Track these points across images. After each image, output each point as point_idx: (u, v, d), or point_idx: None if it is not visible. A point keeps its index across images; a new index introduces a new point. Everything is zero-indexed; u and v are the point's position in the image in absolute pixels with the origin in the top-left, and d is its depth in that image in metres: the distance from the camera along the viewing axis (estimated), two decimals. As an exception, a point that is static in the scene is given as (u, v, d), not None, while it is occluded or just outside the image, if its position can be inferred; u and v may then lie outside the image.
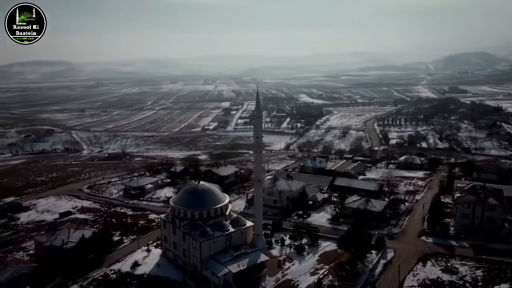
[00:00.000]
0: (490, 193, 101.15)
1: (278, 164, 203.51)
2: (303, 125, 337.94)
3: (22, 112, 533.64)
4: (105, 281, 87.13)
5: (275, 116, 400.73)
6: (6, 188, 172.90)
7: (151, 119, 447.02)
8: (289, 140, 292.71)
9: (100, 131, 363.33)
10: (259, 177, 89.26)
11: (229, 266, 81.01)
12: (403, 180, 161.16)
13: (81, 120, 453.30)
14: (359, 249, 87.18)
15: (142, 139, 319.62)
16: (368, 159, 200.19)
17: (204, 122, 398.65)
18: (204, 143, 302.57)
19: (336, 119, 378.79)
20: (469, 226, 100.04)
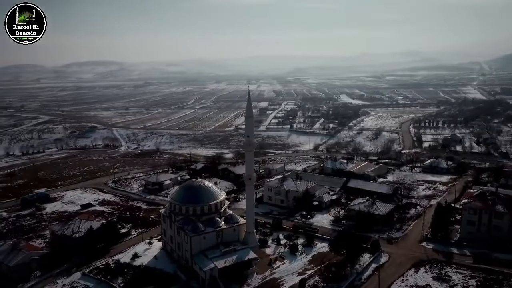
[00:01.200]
0: (500, 200, 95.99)
1: (301, 164, 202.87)
2: (336, 126, 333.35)
3: (72, 110, 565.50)
4: (105, 270, 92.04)
5: (309, 116, 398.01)
6: (41, 180, 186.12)
7: (189, 117, 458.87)
8: (319, 140, 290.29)
9: (139, 129, 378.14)
10: (250, 176, 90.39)
11: (216, 261, 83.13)
12: (424, 184, 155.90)
13: (123, 117, 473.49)
14: (351, 252, 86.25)
15: (177, 137, 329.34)
16: (393, 162, 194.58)
17: (239, 122, 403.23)
18: (235, 142, 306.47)
19: (372, 120, 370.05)
20: (476, 234, 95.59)
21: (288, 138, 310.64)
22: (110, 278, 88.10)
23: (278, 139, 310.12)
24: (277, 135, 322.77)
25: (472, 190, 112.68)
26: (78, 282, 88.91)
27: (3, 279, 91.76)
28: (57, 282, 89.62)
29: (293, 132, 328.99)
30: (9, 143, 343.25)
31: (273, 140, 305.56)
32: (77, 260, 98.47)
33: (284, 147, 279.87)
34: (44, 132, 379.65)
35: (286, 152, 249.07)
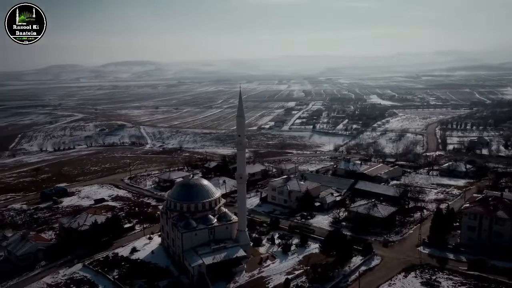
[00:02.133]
0: (503, 206, 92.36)
1: (316, 165, 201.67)
2: (360, 127, 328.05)
3: (105, 108, 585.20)
4: (104, 262, 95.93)
5: (333, 117, 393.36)
6: (64, 175, 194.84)
7: (215, 117, 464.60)
8: (341, 141, 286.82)
9: (165, 127, 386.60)
10: (241, 175, 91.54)
11: (204, 258, 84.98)
12: (438, 187, 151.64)
13: (153, 116, 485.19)
14: (340, 253, 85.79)
15: (200, 136, 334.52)
16: (410, 164, 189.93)
17: (263, 121, 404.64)
18: (257, 141, 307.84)
19: (398, 121, 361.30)
20: (476, 240, 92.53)
21: (310, 139, 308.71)
22: (108, 270, 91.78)
23: (300, 139, 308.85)
24: (300, 135, 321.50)
25: (477, 195, 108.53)
26: (78, 273, 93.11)
27: (12, 267, 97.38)
28: (59, 272, 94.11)
29: (315, 132, 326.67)
30: (43, 140, 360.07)
31: (295, 141, 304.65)
32: (81, 252, 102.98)
33: (305, 147, 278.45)
34: (76, 129, 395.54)
35: (305, 153, 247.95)
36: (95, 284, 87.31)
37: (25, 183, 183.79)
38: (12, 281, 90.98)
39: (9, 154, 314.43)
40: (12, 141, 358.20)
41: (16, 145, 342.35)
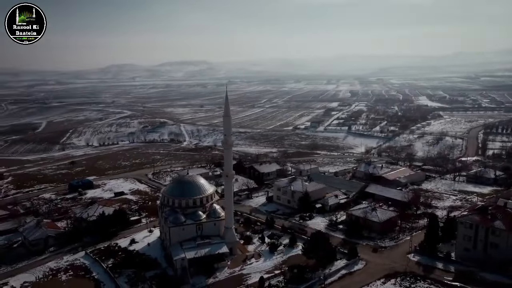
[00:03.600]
0: (504, 216, 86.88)
1: (340, 166, 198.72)
2: (398, 129, 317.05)
3: (153, 106, 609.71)
4: (103, 252, 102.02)
5: (372, 118, 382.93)
6: (95, 169, 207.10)
7: (255, 116, 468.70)
8: (374, 144, 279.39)
9: (205, 125, 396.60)
10: (227, 173, 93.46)
11: (187, 252, 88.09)
12: (459, 194, 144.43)
13: (196, 114, 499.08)
14: (321, 256, 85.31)
15: (235, 135, 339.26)
16: (437, 169, 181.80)
17: (301, 121, 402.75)
18: (290, 141, 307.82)
19: (440, 124, 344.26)
20: (472, 250, 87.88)
21: (344, 140, 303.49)
22: (104, 259, 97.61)
23: (334, 140, 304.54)
24: (334, 136, 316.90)
25: (479, 203, 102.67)
26: (79, 260, 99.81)
27: (26, 250, 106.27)
28: (63, 258, 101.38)
29: (350, 134, 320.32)
30: (90, 135, 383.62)
31: (328, 142, 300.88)
32: (88, 240, 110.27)
33: (337, 149, 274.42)
34: (121, 126, 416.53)
35: (333, 154, 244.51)
36: (90, 271, 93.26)
37: (60, 174, 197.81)
38: (22, 263, 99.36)
39: (59, 147, 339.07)
40: (64, 135, 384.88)
41: (66, 140, 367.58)
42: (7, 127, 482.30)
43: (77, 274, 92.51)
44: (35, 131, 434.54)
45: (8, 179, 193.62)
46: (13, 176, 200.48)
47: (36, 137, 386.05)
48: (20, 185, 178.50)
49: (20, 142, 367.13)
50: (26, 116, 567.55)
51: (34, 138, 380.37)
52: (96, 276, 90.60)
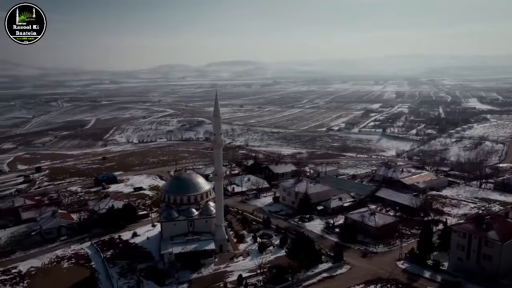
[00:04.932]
0: (501, 226, 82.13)
1: (362, 169, 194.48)
2: (436, 132, 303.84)
3: (195, 105, 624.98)
4: (107, 243, 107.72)
5: (411, 120, 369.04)
6: (124, 164, 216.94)
7: (292, 116, 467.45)
8: (408, 147, 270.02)
9: (240, 125, 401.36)
10: (216, 172, 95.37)
11: (174, 247, 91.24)
12: (480, 202, 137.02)
13: (234, 114, 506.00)
14: (303, 258, 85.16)
15: (268, 135, 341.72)
16: (464, 175, 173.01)
17: (336, 123, 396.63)
18: (322, 142, 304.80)
19: (483, 128, 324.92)
20: (465, 261, 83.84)
21: (377, 142, 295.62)
22: (106, 249, 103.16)
23: (366, 142, 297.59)
24: (367, 138, 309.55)
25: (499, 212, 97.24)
26: (83, 249, 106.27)
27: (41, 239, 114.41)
28: (70, 247, 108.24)
29: (385, 136, 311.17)
30: (132, 132, 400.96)
31: (360, 144, 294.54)
32: (97, 232, 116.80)
33: (368, 151, 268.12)
34: (161, 124, 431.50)
35: (361, 156, 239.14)
36: (90, 260, 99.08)
37: (91, 169, 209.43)
38: (34, 250, 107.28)
39: (101, 143, 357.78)
40: (108, 132, 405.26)
41: (109, 136, 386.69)
42: (61, 123, 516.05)
43: (78, 262, 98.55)
44: (83, 127, 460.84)
45: (45, 171, 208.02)
46: (51, 169, 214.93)
47: (83, 133, 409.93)
48: (53, 178, 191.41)
49: (68, 138, 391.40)
50: (79, 113, 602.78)
51: (81, 134, 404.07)
52: (93, 265, 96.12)
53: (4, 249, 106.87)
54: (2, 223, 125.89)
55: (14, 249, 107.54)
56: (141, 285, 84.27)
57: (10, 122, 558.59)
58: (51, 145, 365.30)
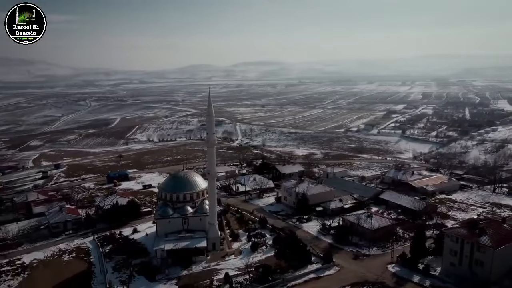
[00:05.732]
0: (495, 232, 79.61)
1: (374, 171, 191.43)
2: (457, 134, 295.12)
3: (217, 105, 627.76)
4: (108, 238, 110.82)
5: (433, 122, 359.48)
6: (139, 162, 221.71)
7: (312, 117, 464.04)
8: (427, 149, 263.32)
9: (259, 125, 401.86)
10: (209, 171, 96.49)
11: (166, 244, 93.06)
12: (489, 207, 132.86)
13: (255, 114, 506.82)
14: (292, 258, 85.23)
15: (285, 135, 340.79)
16: (479, 179, 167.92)
17: (356, 124, 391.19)
18: (339, 143, 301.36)
19: (509, 130, 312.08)
20: (457, 266, 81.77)
21: (396, 144, 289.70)
22: (106, 244, 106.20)
23: (385, 144, 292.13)
24: (386, 140, 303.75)
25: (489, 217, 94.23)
26: (85, 243, 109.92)
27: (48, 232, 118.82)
28: (74, 241, 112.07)
29: (404, 138, 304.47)
30: (153, 131, 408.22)
31: (378, 145, 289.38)
32: (101, 227, 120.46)
33: (385, 153, 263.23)
34: (182, 123, 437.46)
35: (375, 158, 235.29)
36: (90, 254, 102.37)
37: (107, 166, 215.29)
38: (40, 243, 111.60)
39: (123, 142, 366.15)
40: (130, 131, 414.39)
41: (131, 135, 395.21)
42: (87, 122, 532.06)
43: (78, 256, 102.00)
44: (108, 126, 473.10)
45: (63, 168, 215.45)
46: (69, 166, 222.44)
47: (106, 132, 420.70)
48: (70, 174, 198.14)
49: (92, 136, 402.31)
50: (105, 112, 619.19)
51: (104, 133, 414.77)
52: (92, 259, 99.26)
53: (13, 242, 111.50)
54: (15, 217, 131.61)
55: (22, 241, 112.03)
56: (132, 280, 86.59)
57: (40, 120, 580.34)
58: (76, 143, 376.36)
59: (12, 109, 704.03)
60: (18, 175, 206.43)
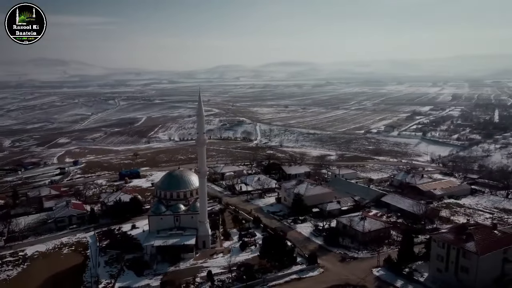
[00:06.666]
0: (482, 238, 77.12)
1: (385, 174, 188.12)
2: (481, 137, 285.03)
3: (241, 105, 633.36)
4: (107, 233, 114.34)
5: (456, 124, 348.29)
6: (153, 161, 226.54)
7: (334, 118, 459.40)
8: (446, 152, 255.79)
9: (279, 125, 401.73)
10: (199, 170, 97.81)
11: (156, 240, 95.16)
12: (499, 213, 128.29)
13: (277, 114, 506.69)
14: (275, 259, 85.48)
15: (303, 136, 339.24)
16: (493, 184, 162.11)
17: (377, 125, 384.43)
18: (358, 145, 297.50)
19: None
20: (444, 272, 79.71)
21: (415, 147, 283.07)
22: (104, 239, 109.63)
23: (404, 146, 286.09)
24: (405, 142, 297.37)
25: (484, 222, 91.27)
26: (86, 237, 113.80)
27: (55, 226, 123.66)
28: (76, 235, 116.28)
29: (424, 140, 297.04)
30: (174, 130, 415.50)
31: (397, 147, 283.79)
32: (104, 222, 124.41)
33: (403, 155, 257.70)
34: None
35: (391, 160, 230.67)
36: (88, 248, 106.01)
37: (122, 164, 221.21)
38: (45, 236, 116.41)
39: (145, 141, 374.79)
40: (153, 130, 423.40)
41: (153, 134, 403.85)
42: (114, 120, 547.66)
43: (77, 249, 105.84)
44: (132, 125, 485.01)
45: (82, 165, 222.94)
46: (87, 163, 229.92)
47: (130, 130, 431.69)
48: (86, 171, 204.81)
49: (117, 134, 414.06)
50: (132, 111, 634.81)
51: (128, 131, 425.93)
52: (88, 253, 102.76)
53: (20, 234, 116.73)
54: (26, 210, 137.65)
55: (28, 234, 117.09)
56: (121, 274, 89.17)
57: (71, 118, 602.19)
58: (101, 141, 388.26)
59: (46, 107, 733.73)
60: (39, 171, 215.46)
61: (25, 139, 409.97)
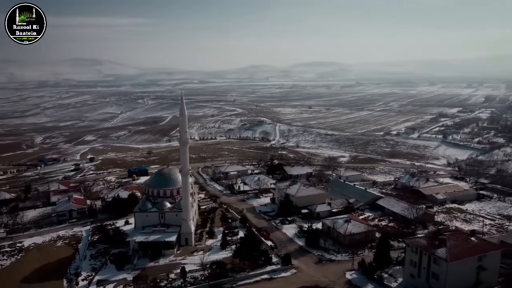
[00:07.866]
0: (457, 244, 74.83)
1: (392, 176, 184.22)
2: (505, 141, 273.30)
3: (265, 105, 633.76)
4: (100, 228, 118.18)
5: (481, 127, 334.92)
6: (165, 159, 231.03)
7: (356, 119, 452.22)
8: (465, 156, 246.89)
9: (298, 126, 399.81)
10: (181, 169, 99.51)
11: (138, 236, 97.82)
12: (501, 219, 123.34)
13: (300, 115, 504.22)
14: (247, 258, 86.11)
15: (321, 137, 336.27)
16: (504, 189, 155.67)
17: (399, 127, 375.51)
18: (375, 147, 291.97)
19: None
20: (416, 278, 77.88)
21: (434, 149, 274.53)
22: (97, 233, 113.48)
23: (423, 149, 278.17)
24: (425, 144, 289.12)
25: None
26: (81, 231, 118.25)
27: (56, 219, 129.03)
28: (73, 229, 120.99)
29: (444, 143, 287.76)
30: (195, 130, 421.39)
31: (415, 150, 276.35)
32: (102, 217, 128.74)
33: (420, 158, 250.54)
34: (224, 122, 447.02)
35: (404, 163, 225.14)
36: (80, 242, 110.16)
37: (135, 161, 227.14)
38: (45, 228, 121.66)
39: (166, 139, 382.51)
40: (175, 129, 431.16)
41: (175, 132, 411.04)
42: (142, 119, 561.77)
43: (70, 243, 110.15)
44: (157, 123, 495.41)
45: (97, 162, 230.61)
46: (103, 160, 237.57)
47: (153, 129, 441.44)
48: (99, 168, 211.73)
49: (140, 133, 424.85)
50: (159, 110, 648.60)
51: (151, 130, 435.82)
52: (79, 246, 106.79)
53: (22, 227, 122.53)
54: (33, 204, 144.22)
55: (30, 227, 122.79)
56: (103, 267, 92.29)
57: (101, 117, 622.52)
58: (124, 139, 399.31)
59: (79, 106, 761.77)
60: (57, 166, 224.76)
61: (56, 136, 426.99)
